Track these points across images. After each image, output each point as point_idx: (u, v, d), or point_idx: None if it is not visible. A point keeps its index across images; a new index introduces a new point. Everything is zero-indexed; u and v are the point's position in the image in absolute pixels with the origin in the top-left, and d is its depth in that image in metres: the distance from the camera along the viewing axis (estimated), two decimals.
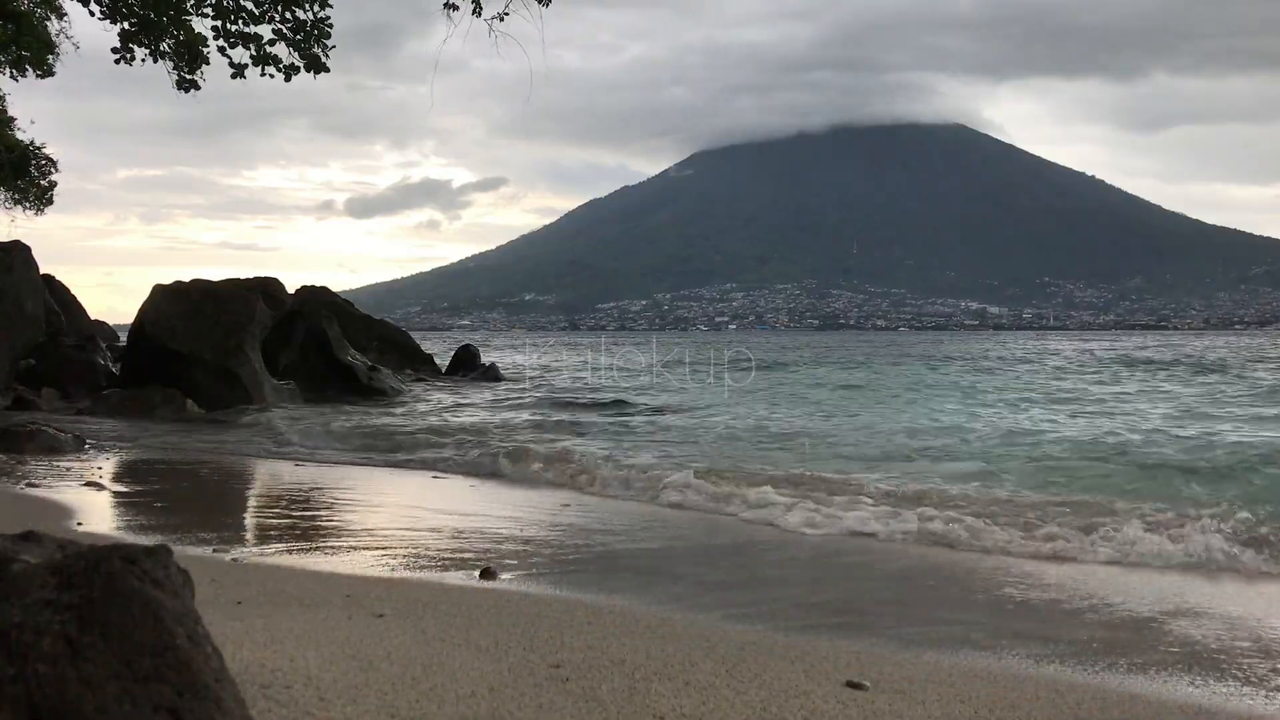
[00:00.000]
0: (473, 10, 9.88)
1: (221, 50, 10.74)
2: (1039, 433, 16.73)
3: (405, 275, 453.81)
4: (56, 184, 23.00)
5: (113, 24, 10.84)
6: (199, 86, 11.28)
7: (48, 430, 13.75)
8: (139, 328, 21.65)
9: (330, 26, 10.66)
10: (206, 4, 10.63)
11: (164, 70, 11.11)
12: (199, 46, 10.97)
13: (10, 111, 21.14)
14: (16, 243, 20.79)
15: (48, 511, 8.48)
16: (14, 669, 2.05)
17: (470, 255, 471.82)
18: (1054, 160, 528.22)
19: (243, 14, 10.55)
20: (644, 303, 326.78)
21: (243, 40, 10.63)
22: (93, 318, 33.91)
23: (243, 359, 21.24)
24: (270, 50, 10.65)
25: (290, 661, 3.69)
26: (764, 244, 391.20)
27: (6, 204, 22.47)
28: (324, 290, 31.38)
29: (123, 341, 26.81)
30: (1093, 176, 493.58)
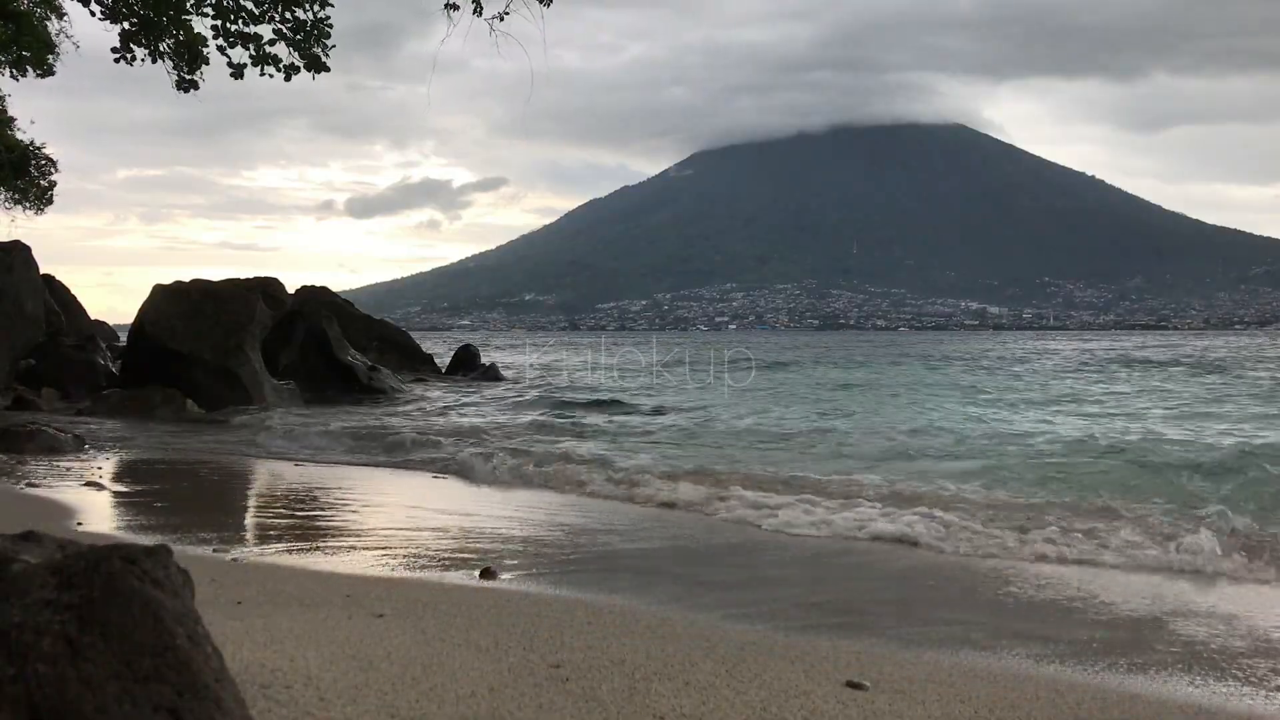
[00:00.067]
0: (473, 10, 9.86)
1: (221, 50, 10.72)
2: (1039, 433, 16.75)
3: (405, 275, 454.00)
4: (56, 184, 23.02)
5: (113, 24, 10.82)
6: (199, 86, 11.26)
7: (48, 430, 13.76)
8: (139, 328, 21.67)
9: (330, 26, 10.64)
10: (206, 4, 10.61)
11: (164, 70, 11.10)
12: (199, 46, 10.95)
13: (10, 111, 21.15)
14: (16, 243, 20.81)
15: (48, 511, 8.48)
16: (14, 669, 2.05)
17: (470, 255, 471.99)
18: (1054, 160, 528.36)
19: (243, 14, 10.53)
20: (644, 303, 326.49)
21: (242, 40, 10.61)
22: (93, 318, 33.96)
23: (243, 359, 21.26)
24: (270, 50, 10.63)
25: (290, 661, 3.69)
26: (764, 244, 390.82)
27: (6, 204, 22.48)
28: (324, 290, 31.42)
29: (123, 341, 26.84)
30: (1093, 176, 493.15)
